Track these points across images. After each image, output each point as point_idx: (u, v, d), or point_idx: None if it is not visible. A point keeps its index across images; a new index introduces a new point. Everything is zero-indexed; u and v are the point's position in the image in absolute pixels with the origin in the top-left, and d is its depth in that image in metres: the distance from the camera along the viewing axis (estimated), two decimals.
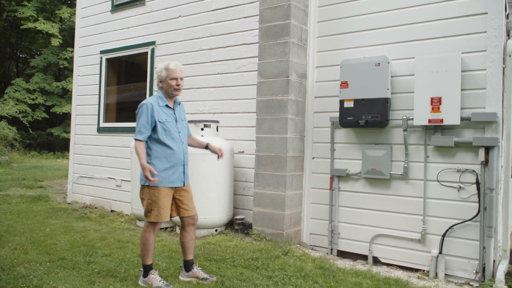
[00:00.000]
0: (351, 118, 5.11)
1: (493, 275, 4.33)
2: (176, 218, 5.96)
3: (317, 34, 5.68)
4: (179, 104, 4.08)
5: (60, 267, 4.35)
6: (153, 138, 3.82)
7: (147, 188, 3.79)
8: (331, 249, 5.39)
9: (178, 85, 3.88)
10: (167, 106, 3.91)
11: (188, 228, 4.01)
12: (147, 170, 3.64)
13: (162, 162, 3.80)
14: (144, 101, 3.84)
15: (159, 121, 3.80)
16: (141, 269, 3.97)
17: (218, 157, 4.18)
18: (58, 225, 6.28)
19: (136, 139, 3.77)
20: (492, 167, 4.36)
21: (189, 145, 4.20)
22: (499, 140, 4.36)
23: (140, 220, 6.55)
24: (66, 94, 23.79)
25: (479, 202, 4.45)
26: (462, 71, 4.49)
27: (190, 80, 6.77)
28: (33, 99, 22.53)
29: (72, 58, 21.09)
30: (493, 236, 4.35)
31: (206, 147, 4.21)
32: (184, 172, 3.94)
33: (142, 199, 3.86)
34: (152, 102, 3.83)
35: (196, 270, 4.04)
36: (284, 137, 5.43)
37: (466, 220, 4.52)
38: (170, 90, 3.87)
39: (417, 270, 4.79)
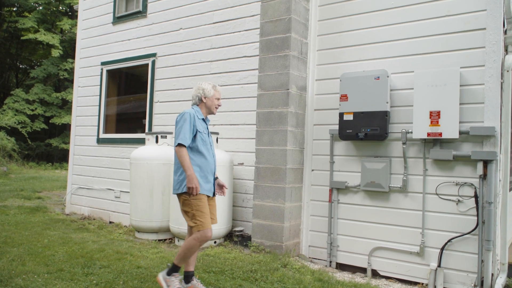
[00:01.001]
0: (351, 130, 5.14)
1: None
2: (174, 229, 5.97)
3: (317, 48, 5.74)
4: (208, 121, 4.24)
5: (58, 278, 4.34)
6: (191, 147, 3.91)
7: (188, 200, 3.85)
8: (330, 262, 5.38)
9: (219, 105, 4.19)
10: (203, 119, 4.08)
11: None
12: (196, 181, 3.76)
13: (197, 171, 3.90)
14: (185, 110, 3.96)
15: (199, 131, 3.94)
16: (169, 263, 4.05)
17: (219, 193, 4.30)
18: (56, 236, 6.26)
19: (180, 144, 3.81)
20: (491, 181, 4.38)
21: None
22: (497, 154, 4.40)
23: (139, 232, 6.53)
24: (65, 105, 23.83)
25: (477, 215, 4.46)
26: (460, 86, 4.54)
27: (190, 92, 6.79)
28: (32, 110, 22.55)
29: (72, 69, 21.21)
30: (492, 249, 4.36)
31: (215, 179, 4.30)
32: (213, 183, 4.08)
33: (186, 212, 3.90)
34: (193, 112, 3.98)
35: (196, 282, 4.03)
36: (284, 149, 5.45)
37: (464, 234, 4.53)
38: (212, 108, 4.11)
39: (416, 283, 4.78)
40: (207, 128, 4.12)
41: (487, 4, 4.54)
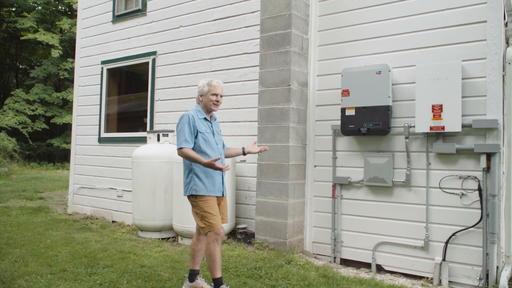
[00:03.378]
0: (353, 126, 5.13)
1: (497, 281, 4.34)
2: (178, 228, 5.96)
3: (318, 43, 5.72)
4: (215, 119, 4.19)
5: (61, 279, 4.33)
6: (194, 148, 3.88)
7: (196, 202, 3.85)
8: (334, 258, 5.38)
9: (217, 101, 4.02)
10: (205, 119, 4.03)
11: (201, 237, 4.02)
12: (214, 163, 3.71)
13: (203, 171, 3.88)
14: (185, 113, 3.93)
15: (200, 132, 3.90)
16: (185, 275, 4.12)
17: (262, 149, 4.28)
18: (59, 237, 6.25)
19: (183, 147, 3.80)
20: (494, 174, 4.37)
21: (229, 156, 4.31)
22: (501, 147, 4.38)
23: (141, 231, 6.53)
24: (66, 105, 23.82)
25: (481, 208, 4.45)
26: (462, 79, 4.52)
27: (191, 89, 6.80)
28: (33, 110, 22.53)
29: (72, 68, 21.15)
30: (496, 242, 4.35)
31: (244, 152, 4.30)
32: (222, 183, 4.03)
33: (196, 213, 3.90)
34: (193, 113, 3.94)
35: (200, 281, 4.02)
36: (286, 146, 5.44)
37: (469, 227, 4.52)
38: (209, 105, 4.00)
39: (421, 278, 4.78)
40: (211, 126, 4.04)
41: None
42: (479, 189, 4.48)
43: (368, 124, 5.02)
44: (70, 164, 9.08)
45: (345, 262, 5.34)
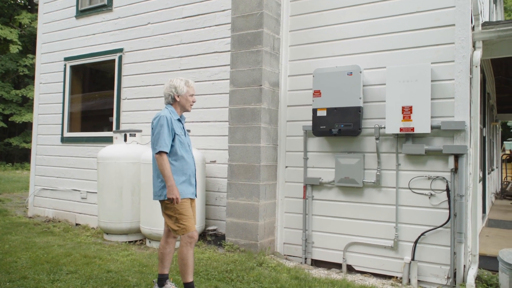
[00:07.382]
0: (324, 126, 5.13)
1: (464, 280, 4.43)
2: (145, 230, 5.81)
3: (289, 43, 5.69)
4: (184, 119, 4.07)
5: (21, 286, 4.13)
6: (171, 152, 3.75)
7: (171, 204, 3.70)
8: (305, 258, 5.37)
9: (194, 101, 3.98)
10: (178, 120, 3.90)
11: (169, 240, 3.90)
12: (177, 192, 3.63)
13: (180, 175, 3.76)
14: (161, 114, 3.75)
15: (177, 134, 3.78)
16: (154, 280, 3.95)
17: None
18: (18, 241, 5.98)
19: (162, 152, 3.64)
20: (461, 174, 4.46)
21: None
22: (468, 148, 4.48)
23: (107, 234, 6.32)
24: (26, 103, 22.97)
25: (449, 208, 4.54)
26: (431, 81, 4.60)
27: (159, 88, 6.65)
28: None
29: (33, 65, 20.43)
30: (463, 242, 4.45)
31: None
32: (195, 184, 3.95)
33: (169, 216, 3.75)
34: (167, 114, 3.78)
35: (170, 286, 3.91)
36: (257, 146, 5.38)
37: (437, 227, 4.60)
38: (187, 105, 3.93)
39: (390, 277, 4.83)
40: (183, 127, 3.94)
41: (455, 1, 4.62)
42: (447, 190, 4.56)
43: (339, 125, 5.03)
44: (30, 164, 8.72)
45: (316, 263, 5.34)
